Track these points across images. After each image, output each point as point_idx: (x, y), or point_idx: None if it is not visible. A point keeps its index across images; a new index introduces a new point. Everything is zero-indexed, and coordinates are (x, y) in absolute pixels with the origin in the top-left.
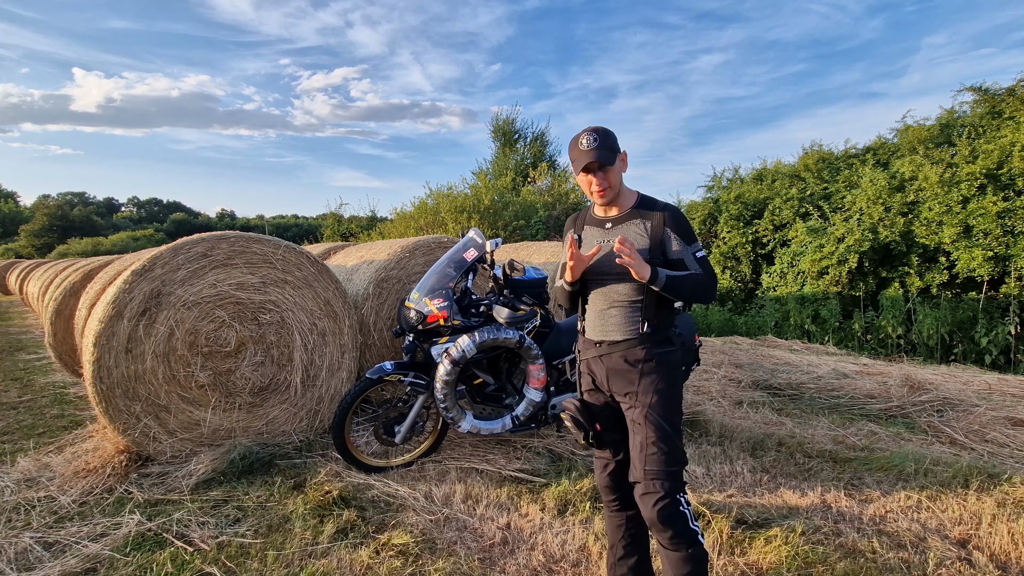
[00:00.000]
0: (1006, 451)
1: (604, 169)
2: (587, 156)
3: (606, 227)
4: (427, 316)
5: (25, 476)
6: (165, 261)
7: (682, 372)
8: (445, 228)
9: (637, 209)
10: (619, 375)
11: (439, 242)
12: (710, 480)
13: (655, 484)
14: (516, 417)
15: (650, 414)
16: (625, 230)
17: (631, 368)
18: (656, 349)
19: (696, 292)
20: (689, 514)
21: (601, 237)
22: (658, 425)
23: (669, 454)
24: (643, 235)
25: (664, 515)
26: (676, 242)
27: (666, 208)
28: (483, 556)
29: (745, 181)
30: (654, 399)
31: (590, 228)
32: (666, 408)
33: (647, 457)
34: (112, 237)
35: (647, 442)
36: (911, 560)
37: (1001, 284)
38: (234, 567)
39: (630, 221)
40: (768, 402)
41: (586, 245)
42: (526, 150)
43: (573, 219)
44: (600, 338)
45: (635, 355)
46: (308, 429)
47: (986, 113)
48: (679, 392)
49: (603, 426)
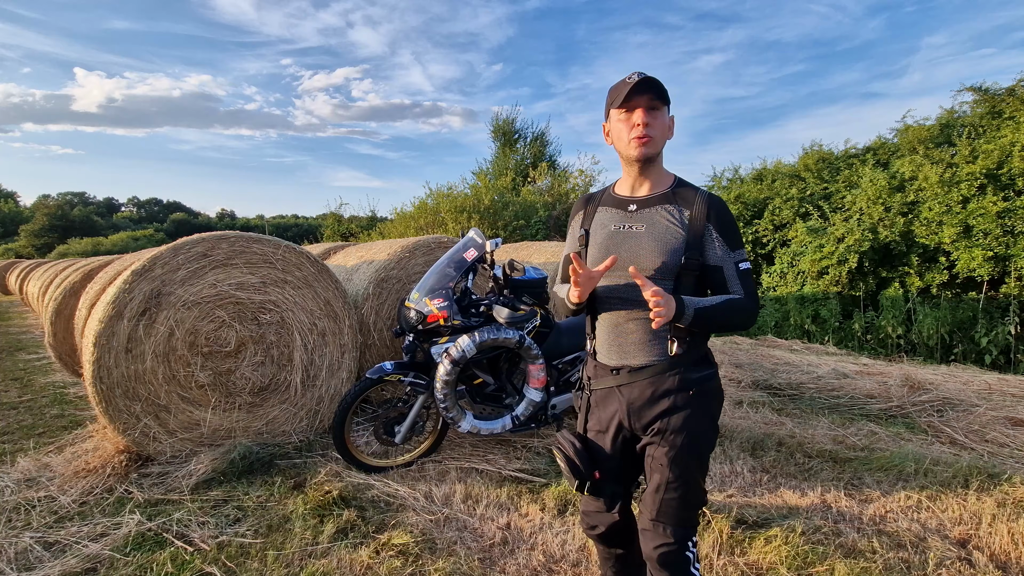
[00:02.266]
0: (1006, 451)
1: (652, 106)
2: (634, 86)
3: (629, 209)
4: (427, 316)
5: (25, 476)
6: (165, 261)
7: (722, 399)
8: (445, 228)
9: (673, 191)
10: (642, 411)
11: (439, 242)
12: (710, 480)
13: (664, 529)
14: (516, 417)
15: (678, 458)
16: (654, 216)
17: (659, 402)
18: (692, 374)
19: (732, 322)
20: (693, 558)
21: (621, 222)
22: (685, 468)
23: (688, 499)
24: (676, 225)
25: (664, 560)
26: (719, 244)
27: (711, 197)
28: (483, 556)
29: (745, 181)
30: (686, 440)
31: (607, 210)
32: (699, 450)
33: (663, 500)
34: (112, 237)
35: (667, 485)
36: (911, 560)
37: (1001, 284)
38: (234, 567)
39: (662, 206)
40: (768, 402)
41: (598, 230)
42: (526, 150)
43: (584, 200)
44: (618, 363)
45: (664, 384)
46: (308, 429)
47: (986, 113)
48: (716, 427)
49: (603, 474)
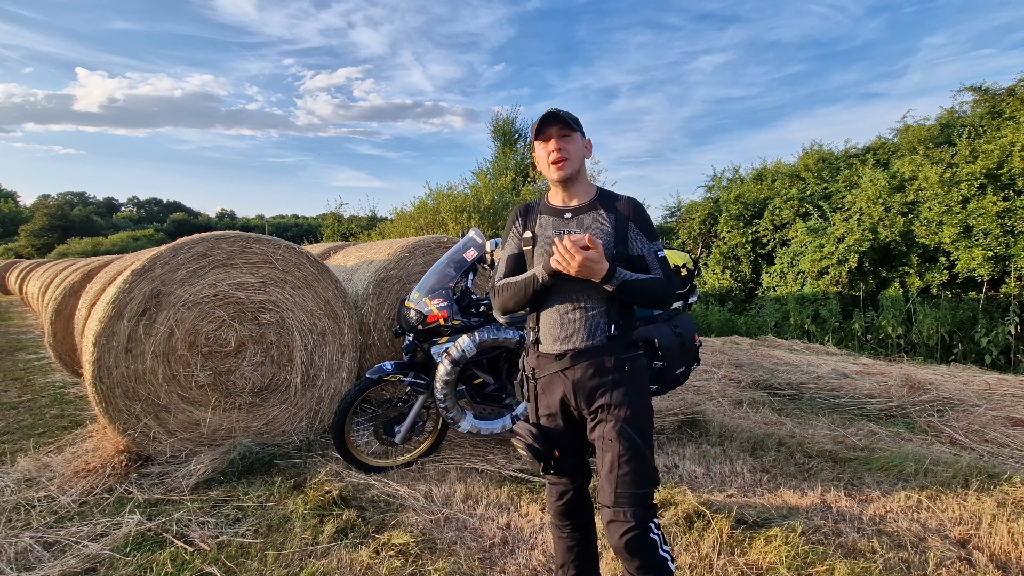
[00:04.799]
0: (1006, 451)
1: (564, 134)
2: (545, 119)
3: (566, 217)
4: (427, 316)
5: (25, 476)
6: (165, 261)
7: (649, 379)
8: (445, 228)
9: (599, 199)
10: (586, 389)
11: (439, 242)
12: (710, 480)
13: (624, 512)
14: (516, 417)
15: (623, 428)
16: (588, 221)
17: (600, 379)
18: (626, 354)
19: (651, 299)
20: (659, 540)
21: (561, 228)
22: (632, 440)
23: (641, 474)
24: (607, 226)
25: (631, 546)
26: (639, 237)
27: (630, 200)
28: (483, 556)
29: (745, 181)
30: (627, 412)
31: (547, 218)
32: (640, 421)
33: (618, 478)
34: (112, 237)
35: (619, 460)
36: (911, 560)
37: (1001, 284)
38: (234, 567)
39: (594, 211)
40: (768, 402)
41: (543, 239)
42: (526, 150)
43: (522, 209)
44: (562, 348)
45: (604, 364)
46: (308, 429)
47: (986, 113)
48: (650, 402)
49: (561, 452)
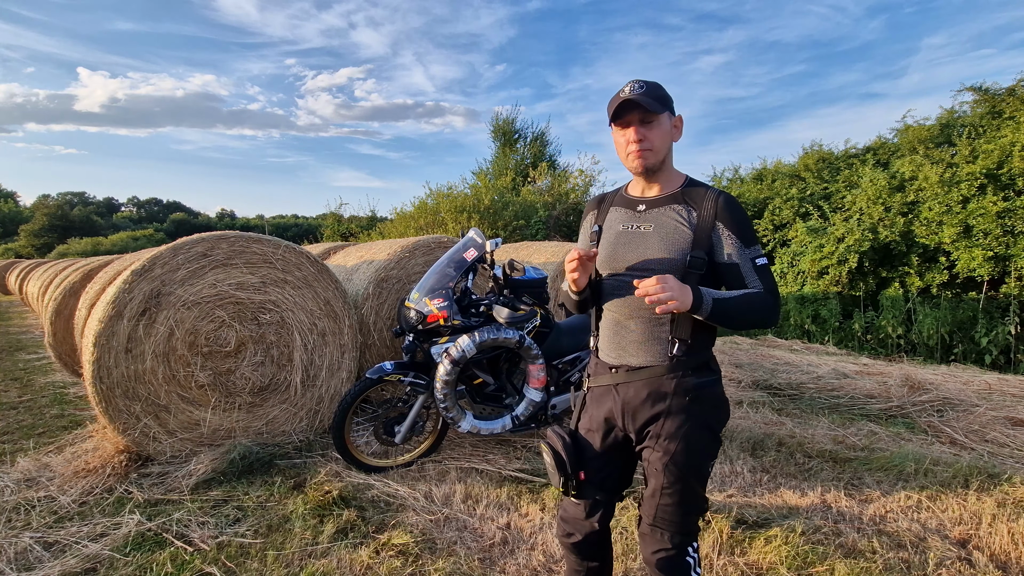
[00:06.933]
0: (1006, 451)
1: (646, 119)
2: (621, 104)
3: (638, 210)
4: (427, 316)
5: (25, 476)
6: (165, 261)
7: (725, 410)
8: (445, 228)
9: (682, 191)
10: (636, 413)
11: (439, 242)
12: (710, 480)
13: (662, 534)
14: (516, 417)
15: (671, 465)
16: (661, 216)
17: (654, 406)
18: (691, 379)
19: (753, 316)
20: (693, 564)
21: (629, 223)
22: (679, 477)
23: (685, 505)
24: (684, 225)
25: (662, 565)
26: (730, 242)
27: (720, 195)
28: (483, 556)
29: (745, 181)
30: (680, 447)
31: (617, 210)
32: (694, 459)
33: (658, 506)
34: (112, 237)
35: (662, 491)
36: (911, 560)
37: (1001, 284)
38: (234, 567)
39: (669, 206)
40: (768, 402)
41: (609, 229)
42: (526, 150)
43: (598, 200)
44: (616, 362)
45: (661, 387)
46: (308, 429)
47: (986, 113)
48: (717, 438)
49: (589, 476)
